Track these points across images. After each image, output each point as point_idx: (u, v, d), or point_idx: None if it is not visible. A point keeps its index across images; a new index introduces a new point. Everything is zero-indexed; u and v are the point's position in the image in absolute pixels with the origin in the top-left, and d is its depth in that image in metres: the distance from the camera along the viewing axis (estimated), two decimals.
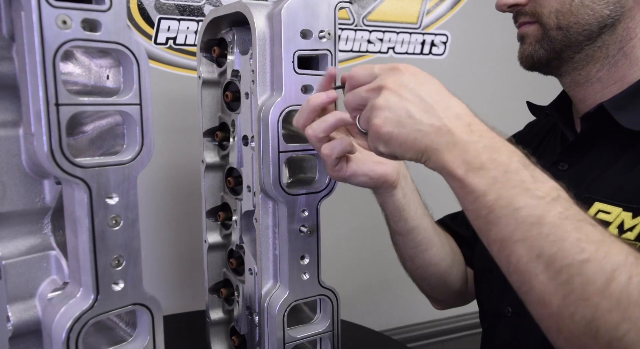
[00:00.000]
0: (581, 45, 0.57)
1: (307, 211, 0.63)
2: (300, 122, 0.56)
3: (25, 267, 0.51)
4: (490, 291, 0.68)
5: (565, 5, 0.55)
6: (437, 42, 1.23)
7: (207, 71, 0.74)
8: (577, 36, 0.56)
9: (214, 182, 0.77)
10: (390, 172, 0.60)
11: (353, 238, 1.20)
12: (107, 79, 0.51)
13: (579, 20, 0.55)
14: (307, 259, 0.64)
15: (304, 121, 0.55)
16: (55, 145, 0.43)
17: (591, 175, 0.57)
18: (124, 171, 0.47)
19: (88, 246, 0.46)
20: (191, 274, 1.01)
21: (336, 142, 0.55)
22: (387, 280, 1.24)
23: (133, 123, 0.48)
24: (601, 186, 0.55)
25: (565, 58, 0.58)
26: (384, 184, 0.60)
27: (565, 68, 0.59)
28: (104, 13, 0.44)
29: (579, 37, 0.56)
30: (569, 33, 0.56)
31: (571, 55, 0.58)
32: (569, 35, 0.56)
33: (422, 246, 0.68)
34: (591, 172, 0.58)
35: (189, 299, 1.01)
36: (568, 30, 0.56)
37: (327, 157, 0.55)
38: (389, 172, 0.60)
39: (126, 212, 0.48)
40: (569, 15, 0.55)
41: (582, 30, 0.56)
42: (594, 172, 0.57)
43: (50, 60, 0.42)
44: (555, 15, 0.56)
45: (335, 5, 0.62)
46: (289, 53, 0.59)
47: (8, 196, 0.49)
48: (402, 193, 0.62)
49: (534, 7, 0.58)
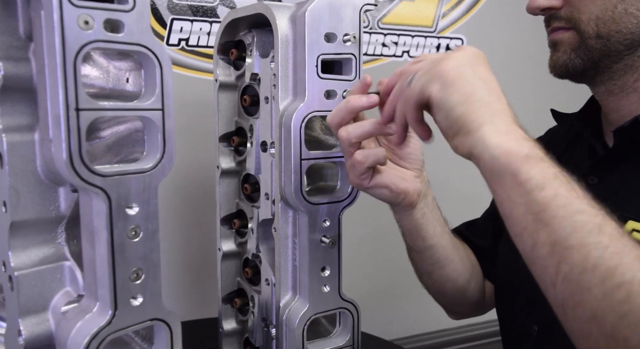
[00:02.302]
0: (621, 55, 0.54)
1: (328, 221, 0.61)
2: (335, 121, 0.54)
3: (38, 278, 0.48)
4: (514, 307, 0.65)
5: (607, 12, 0.52)
6: (452, 46, 1.21)
7: (224, 74, 0.72)
8: (617, 45, 0.53)
9: (229, 188, 0.74)
10: (411, 190, 0.58)
11: (363, 245, 1.18)
12: (127, 82, 0.49)
13: (621, 28, 0.52)
14: (328, 271, 0.62)
15: (339, 121, 0.53)
16: (74, 152, 0.40)
17: (623, 192, 0.55)
18: (145, 179, 0.45)
19: (106, 259, 0.43)
20: (201, 281, 0.99)
21: (371, 151, 0.53)
22: (398, 287, 1.22)
23: (154, 130, 0.46)
24: (634, 204, 0.53)
25: (602, 68, 0.55)
26: (403, 201, 0.58)
27: (600, 78, 0.57)
28: (127, 13, 0.42)
29: (620, 46, 0.53)
30: (609, 42, 0.53)
31: (609, 64, 0.55)
32: (608, 45, 0.53)
33: (439, 263, 0.65)
34: (623, 188, 0.55)
35: (197, 306, 0.99)
36: (608, 39, 0.53)
37: (360, 164, 0.53)
38: (410, 190, 0.58)
39: (146, 223, 0.45)
40: (610, 23, 0.52)
41: (624, 39, 0.53)
42: (627, 188, 0.55)
43: (71, 62, 0.39)
44: (595, 23, 0.53)
45: (360, 8, 0.59)
46: (312, 57, 0.57)
47: (22, 204, 0.47)
48: (421, 213, 0.60)
49: (571, 13, 0.55)
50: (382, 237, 1.15)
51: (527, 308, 0.62)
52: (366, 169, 0.54)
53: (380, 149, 0.54)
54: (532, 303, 0.61)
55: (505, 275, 0.68)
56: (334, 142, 0.65)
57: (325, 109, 0.59)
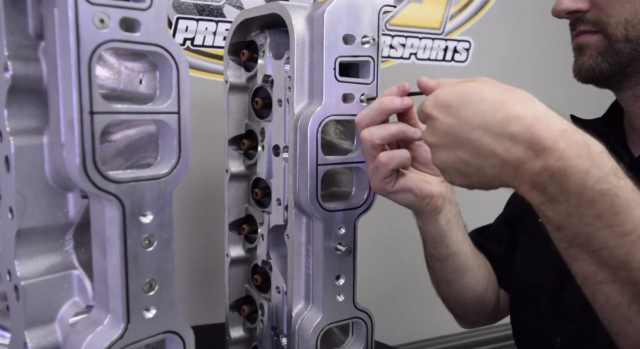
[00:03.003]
0: None
1: (343, 228, 0.59)
2: (364, 121, 0.52)
3: (45, 288, 0.46)
4: (534, 317, 0.64)
5: (637, 15, 0.51)
6: (459, 48, 1.20)
7: (234, 75, 0.70)
8: None
9: (239, 193, 0.72)
10: (436, 193, 0.56)
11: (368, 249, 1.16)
12: (140, 84, 0.47)
13: None
14: (343, 279, 0.60)
15: (369, 122, 0.52)
16: (88, 158, 0.38)
17: None
18: (159, 186, 0.43)
19: (119, 269, 0.41)
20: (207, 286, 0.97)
21: (396, 152, 0.51)
22: (404, 291, 1.20)
23: (170, 134, 0.43)
24: None
25: (629, 72, 0.54)
26: (427, 206, 0.56)
27: (627, 83, 0.55)
28: (144, 12, 0.40)
29: None
30: (638, 45, 0.51)
31: (637, 69, 0.53)
32: (638, 48, 0.52)
33: (460, 271, 0.63)
34: None
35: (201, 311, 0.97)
36: (638, 43, 0.51)
37: (384, 166, 0.51)
38: (435, 194, 0.56)
39: (160, 231, 0.43)
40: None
41: None
42: None
43: (86, 63, 0.37)
44: (624, 26, 0.51)
45: (379, 9, 0.58)
46: (330, 59, 0.55)
47: (29, 211, 0.44)
48: (446, 219, 0.58)
49: (598, 16, 0.53)
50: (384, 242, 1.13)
51: (548, 319, 0.60)
52: (390, 172, 0.52)
53: (404, 150, 0.53)
54: (555, 314, 0.59)
55: (523, 285, 0.67)
56: (349, 146, 0.63)
57: (343, 113, 0.57)
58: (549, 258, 0.62)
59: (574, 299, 0.55)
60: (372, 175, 0.54)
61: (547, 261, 0.61)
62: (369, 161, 0.54)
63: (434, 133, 0.42)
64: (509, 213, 0.75)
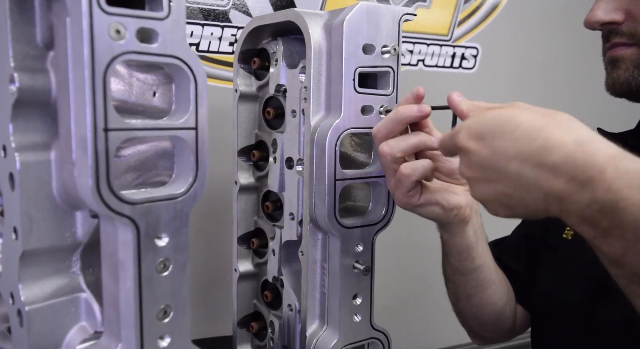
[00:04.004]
0: None
1: (361, 245, 0.57)
2: (381, 132, 0.50)
3: (50, 313, 0.43)
4: (562, 339, 0.61)
5: None
6: (467, 55, 1.18)
7: (244, 84, 0.68)
8: None
9: (248, 205, 0.70)
10: (464, 203, 0.54)
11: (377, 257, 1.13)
12: (154, 97, 0.44)
13: None
14: (360, 299, 0.57)
15: (386, 133, 0.50)
16: (101, 178, 0.36)
17: None
18: (176, 207, 0.40)
19: (132, 295, 0.39)
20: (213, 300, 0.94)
21: (418, 163, 0.49)
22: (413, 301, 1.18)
23: (187, 151, 0.41)
24: None
25: None
26: (455, 218, 0.54)
27: None
28: (162, 21, 0.37)
29: None
30: None
31: None
32: None
33: (483, 285, 0.61)
34: None
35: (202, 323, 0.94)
36: None
37: (406, 177, 0.49)
38: (463, 204, 0.54)
39: (176, 255, 0.41)
40: None
41: None
42: None
43: (100, 76, 0.35)
44: None
45: (400, 18, 0.55)
46: (349, 69, 0.53)
47: (35, 232, 0.42)
48: (473, 230, 0.56)
49: (635, 28, 0.51)
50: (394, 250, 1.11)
51: (578, 341, 0.58)
52: (414, 183, 0.50)
53: (427, 160, 0.50)
54: (586, 333, 0.57)
55: (548, 305, 0.64)
56: (364, 159, 0.61)
57: (361, 126, 0.54)
58: (576, 277, 0.60)
59: (611, 319, 0.53)
60: (395, 189, 0.51)
61: (574, 280, 0.59)
62: (390, 175, 0.51)
63: (470, 167, 0.40)
64: (528, 226, 0.72)
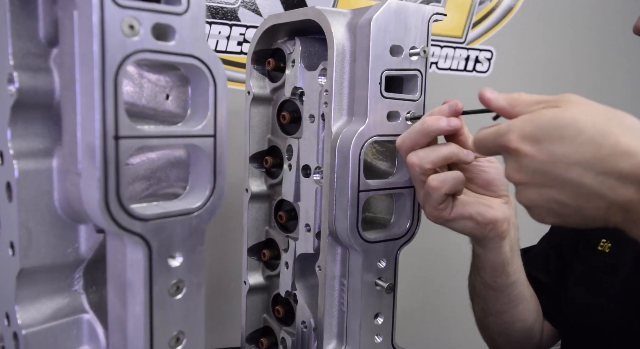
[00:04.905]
0: None
1: (384, 261, 0.53)
2: (406, 144, 0.46)
3: (50, 337, 0.39)
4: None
5: None
6: (481, 58, 1.14)
7: (257, 86, 0.64)
8: None
9: (259, 214, 0.66)
10: (500, 218, 0.50)
11: None
12: (167, 100, 0.40)
13: None
14: (382, 318, 0.54)
15: (411, 144, 0.46)
16: (110, 191, 0.32)
17: None
18: (191, 222, 0.36)
19: (142, 321, 0.35)
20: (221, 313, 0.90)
21: (448, 174, 0.45)
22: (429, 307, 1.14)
23: (204, 160, 0.37)
24: None
25: None
26: (490, 232, 0.50)
27: None
28: (180, 17, 0.34)
29: None
30: None
31: None
32: None
33: (515, 302, 0.58)
34: None
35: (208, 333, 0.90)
36: None
37: (435, 190, 0.45)
38: (499, 218, 0.50)
39: (190, 276, 0.37)
40: None
41: None
42: None
43: (112, 77, 0.31)
44: None
45: (429, 18, 0.52)
46: (376, 72, 0.49)
47: (35, 247, 0.38)
48: (510, 245, 0.52)
49: None
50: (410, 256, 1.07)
51: None
52: (444, 196, 0.46)
53: (457, 172, 0.47)
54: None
55: (581, 321, 0.60)
56: (387, 167, 0.57)
57: (387, 133, 0.51)
58: (612, 292, 0.57)
59: None
60: (424, 202, 0.48)
61: (609, 294, 0.55)
62: (419, 187, 0.48)
63: (520, 171, 0.36)
64: (557, 236, 0.69)
